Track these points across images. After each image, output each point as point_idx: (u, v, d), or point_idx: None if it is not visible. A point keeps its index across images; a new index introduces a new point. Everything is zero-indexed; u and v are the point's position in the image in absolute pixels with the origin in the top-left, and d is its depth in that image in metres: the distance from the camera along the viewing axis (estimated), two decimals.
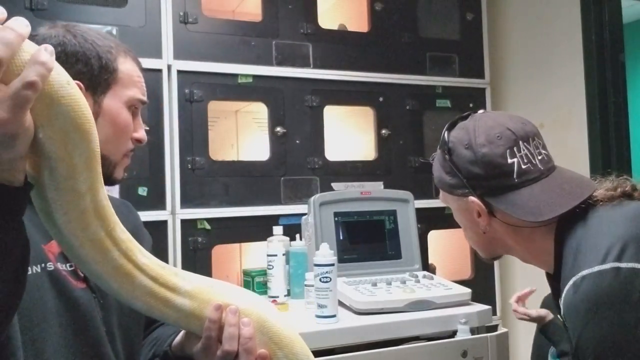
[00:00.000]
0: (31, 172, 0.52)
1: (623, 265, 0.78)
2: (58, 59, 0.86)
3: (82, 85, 0.85)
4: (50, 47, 0.47)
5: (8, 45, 0.44)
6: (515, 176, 0.93)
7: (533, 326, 1.80)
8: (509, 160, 0.94)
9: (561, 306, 0.84)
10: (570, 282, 0.82)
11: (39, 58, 0.46)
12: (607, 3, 2.15)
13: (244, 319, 0.66)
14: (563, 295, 0.83)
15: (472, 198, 0.97)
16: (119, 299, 0.62)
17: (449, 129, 1.02)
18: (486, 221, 0.98)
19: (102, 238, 0.57)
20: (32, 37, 0.90)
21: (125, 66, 0.92)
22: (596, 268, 0.79)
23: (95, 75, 0.88)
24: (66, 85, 0.51)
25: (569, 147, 2.23)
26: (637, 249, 0.79)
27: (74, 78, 0.86)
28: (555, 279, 0.94)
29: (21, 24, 0.46)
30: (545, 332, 1.66)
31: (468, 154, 0.96)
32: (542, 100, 2.38)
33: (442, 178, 1.02)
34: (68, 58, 0.86)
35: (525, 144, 0.95)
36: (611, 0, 2.16)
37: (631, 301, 0.76)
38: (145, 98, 0.96)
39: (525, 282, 2.45)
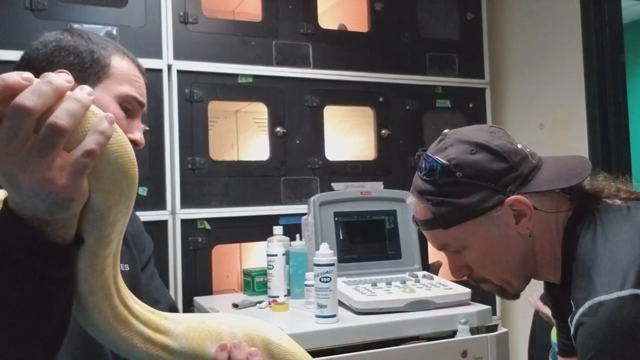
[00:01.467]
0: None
1: None
2: (52, 53, 0.89)
3: (70, 75, 0.87)
4: (110, 115, 0.49)
5: (73, 116, 0.45)
6: (530, 158, 0.91)
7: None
8: (519, 146, 0.91)
9: (571, 325, 0.81)
10: (586, 305, 0.78)
11: (98, 127, 0.47)
12: (607, 3, 2.16)
13: (252, 350, 0.65)
14: (576, 316, 0.80)
15: (511, 197, 0.88)
16: (117, 350, 0.59)
17: (433, 158, 0.91)
18: (531, 218, 0.89)
19: (110, 284, 0.56)
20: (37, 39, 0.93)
21: (121, 64, 0.93)
22: (615, 294, 0.76)
23: (85, 67, 0.90)
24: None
25: (569, 147, 2.23)
26: None
27: (65, 69, 0.88)
28: (561, 289, 0.92)
29: (84, 95, 0.47)
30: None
31: (482, 156, 0.89)
32: (541, 101, 2.38)
33: (462, 205, 0.90)
34: (61, 51, 0.89)
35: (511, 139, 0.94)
36: (611, 0, 2.16)
37: None
38: (142, 99, 0.96)
39: None
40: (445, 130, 0.97)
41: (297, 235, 1.82)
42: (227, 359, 0.63)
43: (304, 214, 1.85)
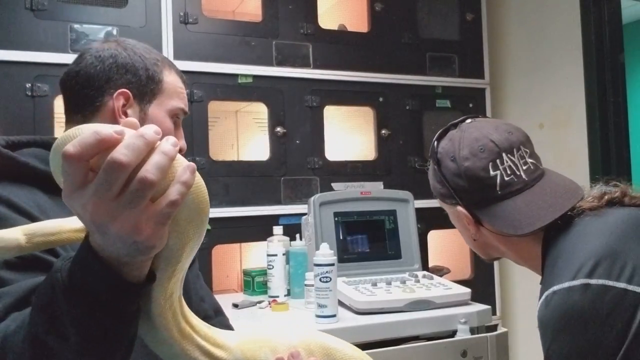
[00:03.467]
0: None
1: (593, 281, 0.78)
2: (110, 69, 0.93)
3: (130, 93, 0.92)
4: (192, 166, 0.50)
5: (161, 169, 0.47)
6: (498, 188, 0.95)
7: (532, 326, 1.80)
8: (492, 173, 0.95)
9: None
10: (543, 296, 0.83)
11: (181, 178, 0.49)
12: (607, 3, 2.16)
13: (311, 359, 0.64)
14: (537, 308, 0.84)
15: (460, 208, 1.00)
16: None
17: (439, 139, 1.05)
18: (474, 229, 1.01)
19: (176, 305, 0.58)
20: (86, 51, 0.95)
21: (170, 78, 0.98)
22: (566, 284, 0.80)
23: (142, 85, 0.94)
24: None
25: (569, 147, 2.23)
26: (610, 265, 0.79)
27: (124, 87, 0.92)
28: None
29: (170, 147, 0.48)
30: None
31: (453, 166, 0.99)
32: (541, 101, 2.38)
33: (435, 186, 1.06)
34: (119, 69, 0.93)
35: (508, 155, 0.96)
36: (610, 0, 2.17)
37: (599, 318, 0.76)
38: (186, 109, 1.00)
39: (524, 282, 2.46)
40: (469, 120, 1.05)
41: (297, 235, 1.82)
42: None
43: (304, 214, 1.86)
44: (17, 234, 0.57)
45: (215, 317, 1.10)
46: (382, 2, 2.28)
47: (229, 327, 1.09)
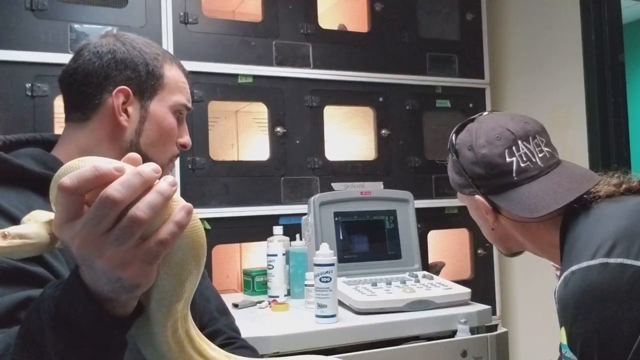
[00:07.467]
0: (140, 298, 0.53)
1: (611, 260, 0.79)
2: (108, 66, 0.90)
3: (130, 90, 0.89)
4: (188, 206, 0.49)
5: (153, 208, 0.46)
6: (514, 174, 0.98)
7: (533, 326, 1.80)
8: (508, 160, 0.98)
9: (555, 300, 0.86)
10: (562, 277, 0.84)
11: (175, 217, 0.48)
12: (607, 3, 2.16)
13: None
14: (556, 289, 0.85)
15: (478, 196, 1.02)
16: None
17: (457, 132, 1.07)
18: (493, 218, 1.02)
19: (183, 339, 0.58)
20: (84, 47, 0.92)
21: (171, 72, 0.95)
22: (584, 263, 0.81)
23: (142, 81, 0.91)
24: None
25: (569, 147, 2.23)
26: (628, 245, 0.80)
27: (123, 84, 0.89)
28: None
29: (167, 186, 0.48)
30: None
31: (470, 155, 1.01)
32: (541, 101, 2.38)
33: (454, 178, 1.08)
34: (117, 64, 0.90)
35: (524, 143, 0.99)
36: (611, 0, 2.16)
37: (618, 296, 0.78)
38: (190, 104, 0.98)
39: (524, 282, 2.46)
40: (485, 113, 1.10)
41: (297, 235, 1.82)
42: None
43: (304, 214, 1.86)
44: (44, 233, 0.53)
45: (221, 318, 1.08)
46: (382, 2, 2.28)
47: (234, 329, 1.09)
